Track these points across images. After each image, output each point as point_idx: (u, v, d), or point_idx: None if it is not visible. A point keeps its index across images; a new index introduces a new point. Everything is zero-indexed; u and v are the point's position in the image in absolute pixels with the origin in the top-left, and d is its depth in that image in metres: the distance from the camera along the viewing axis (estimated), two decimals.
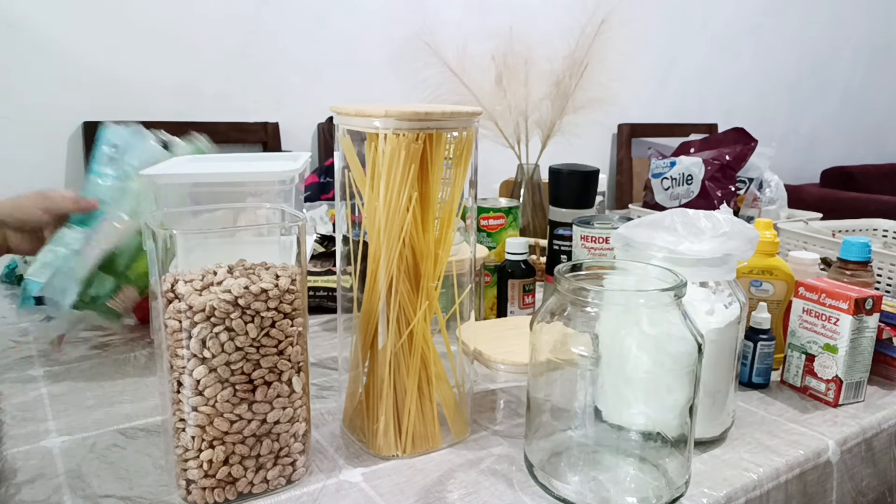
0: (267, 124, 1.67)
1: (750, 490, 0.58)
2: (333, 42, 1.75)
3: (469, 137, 0.60)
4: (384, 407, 0.60)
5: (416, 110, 0.56)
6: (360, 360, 0.63)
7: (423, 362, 0.61)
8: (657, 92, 2.43)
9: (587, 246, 0.88)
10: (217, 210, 0.61)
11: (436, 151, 0.58)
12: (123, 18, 1.46)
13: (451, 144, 0.60)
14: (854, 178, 2.79)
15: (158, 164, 0.78)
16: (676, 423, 0.55)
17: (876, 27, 3.08)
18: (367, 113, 0.57)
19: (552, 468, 0.57)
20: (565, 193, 1.03)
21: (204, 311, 0.50)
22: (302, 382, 0.56)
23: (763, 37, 2.68)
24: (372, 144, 0.58)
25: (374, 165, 0.58)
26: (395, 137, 0.56)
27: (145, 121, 1.51)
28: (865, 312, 0.71)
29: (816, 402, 0.74)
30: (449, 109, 0.58)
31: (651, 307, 0.54)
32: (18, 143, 1.39)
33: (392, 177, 0.57)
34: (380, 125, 0.56)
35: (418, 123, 0.56)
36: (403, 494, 0.56)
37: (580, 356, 0.54)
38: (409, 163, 0.57)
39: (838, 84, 3.04)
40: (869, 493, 0.70)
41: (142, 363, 0.82)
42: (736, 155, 1.38)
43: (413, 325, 0.60)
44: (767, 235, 0.78)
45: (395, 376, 0.60)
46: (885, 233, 1.23)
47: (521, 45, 1.33)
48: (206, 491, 0.53)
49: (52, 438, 0.64)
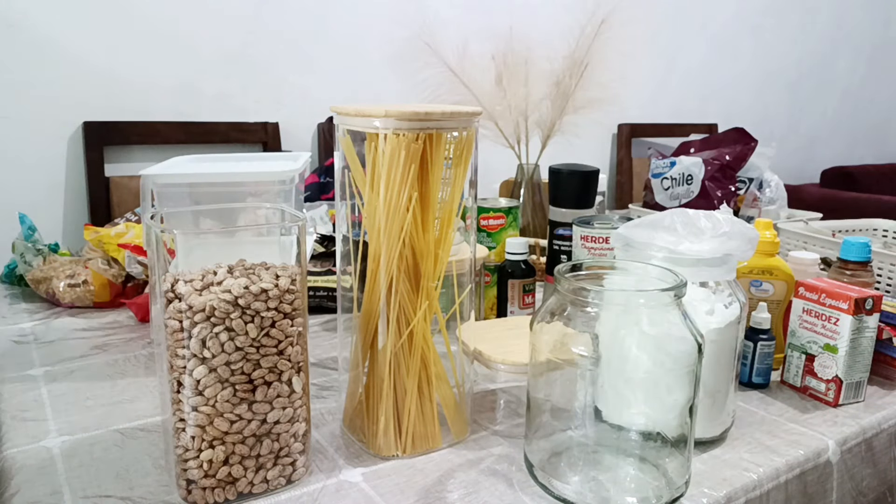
0: (267, 124, 1.67)
1: (750, 490, 0.58)
2: (333, 42, 1.75)
3: (469, 137, 0.60)
4: (384, 407, 0.60)
5: (416, 110, 0.56)
6: (360, 360, 0.63)
7: (423, 362, 0.61)
8: (657, 92, 2.43)
9: (587, 246, 0.88)
10: (217, 210, 0.61)
11: (436, 151, 0.58)
12: (123, 18, 1.46)
13: (451, 144, 0.60)
14: (854, 178, 2.79)
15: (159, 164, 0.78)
16: (676, 423, 0.55)
17: (876, 27, 3.08)
18: (368, 113, 0.57)
19: (552, 468, 0.57)
20: (565, 193, 1.03)
21: (204, 311, 0.50)
22: (302, 382, 0.56)
23: (763, 37, 2.68)
24: (372, 144, 0.58)
25: (374, 165, 0.58)
26: (396, 137, 0.56)
27: (145, 121, 1.52)
28: (865, 312, 0.71)
29: (816, 402, 0.74)
30: (449, 109, 0.58)
31: (651, 307, 0.54)
32: (18, 143, 1.39)
33: (392, 177, 0.57)
34: (380, 125, 0.56)
35: (418, 123, 0.56)
36: (403, 494, 0.56)
37: (580, 356, 0.54)
38: (409, 163, 0.57)
39: (838, 84, 3.04)
40: (869, 493, 0.70)
41: (142, 363, 0.82)
42: (736, 155, 1.38)
43: (413, 325, 0.60)
44: (767, 235, 0.78)
45: (395, 376, 0.60)
46: (885, 233, 1.23)
47: (521, 45, 1.33)
48: (207, 491, 0.53)
49: (52, 438, 0.64)
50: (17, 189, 1.40)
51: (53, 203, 1.46)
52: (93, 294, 1.00)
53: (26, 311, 0.99)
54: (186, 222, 0.60)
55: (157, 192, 0.74)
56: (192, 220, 0.61)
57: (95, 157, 1.46)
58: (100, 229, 1.05)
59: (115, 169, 1.51)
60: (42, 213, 1.38)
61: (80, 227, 1.48)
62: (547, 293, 0.89)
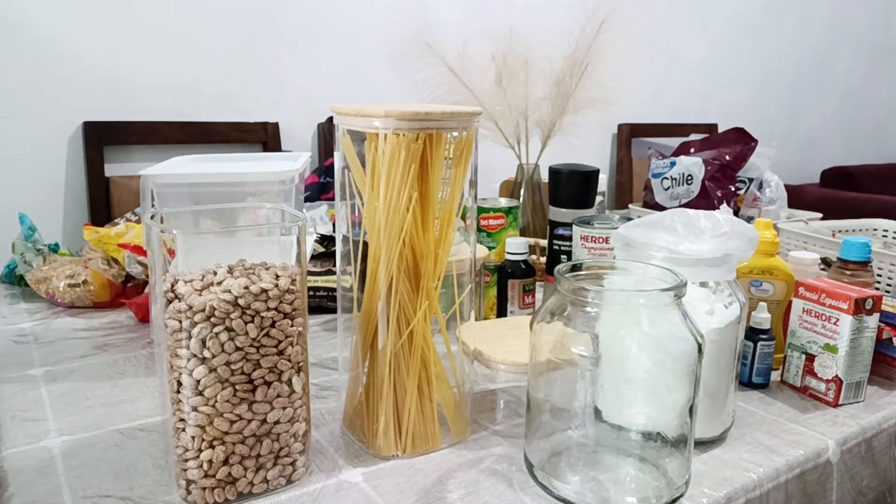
0: (267, 124, 1.67)
1: (750, 490, 0.58)
2: (333, 42, 1.75)
3: (469, 137, 0.60)
4: (384, 407, 0.60)
5: (416, 110, 0.56)
6: (360, 360, 0.63)
7: (423, 362, 0.61)
8: (657, 92, 2.43)
9: (587, 246, 0.88)
10: (217, 210, 0.61)
11: (436, 151, 0.58)
12: (123, 18, 1.46)
13: (451, 144, 0.60)
14: (854, 178, 2.79)
15: (159, 164, 0.78)
16: (676, 423, 0.55)
17: (876, 27, 3.08)
18: (367, 113, 0.57)
19: (552, 468, 0.57)
20: (565, 193, 1.03)
21: (204, 311, 0.50)
22: (302, 382, 0.56)
23: (763, 37, 2.68)
24: (372, 144, 0.58)
25: (374, 165, 0.58)
26: (395, 137, 0.56)
27: (145, 121, 1.52)
28: (865, 312, 0.71)
29: (816, 402, 0.74)
30: (449, 109, 0.58)
31: (651, 307, 0.54)
32: (18, 143, 1.39)
33: (392, 177, 0.57)
34: (380, 125, 0.56)
35: (418, 123, 0.56)
36: (403, 494, 0.56)
37: (580, 356, 0.54)
38: (409, 163, 0.57)
39: (838, 84, 3.04)
40: (869, 493, 0.70)
41: (142, 363, 0.82)
42: (736, 155, 1.38)
43: (413, 325, 0.60)
44: (767, 235, 0.78)
45: (395, 376, 0.60)
46: (885, 233, 1.23)
47: (521, 45, 1.33)
48: (207, 491, 0.53)
49: (52, 438, 0.64)
50: (17, 189, 1.40)
51: (53, 203, 1.46)
52: (93, 294, 1.00)
53: (26, 311, 0.99)
54: (186, 222, 0.60)
55: (157, 192, 0.74)
56: (192, 220, 0.61)
57: (95, 157, 1.46)
58: (100, 229, 1.05)
59: (115, 169, 1.51)
60: (42, 213, 1.38)
61: (80, 227, 1.48)
62: (547, 293, 0.89)
